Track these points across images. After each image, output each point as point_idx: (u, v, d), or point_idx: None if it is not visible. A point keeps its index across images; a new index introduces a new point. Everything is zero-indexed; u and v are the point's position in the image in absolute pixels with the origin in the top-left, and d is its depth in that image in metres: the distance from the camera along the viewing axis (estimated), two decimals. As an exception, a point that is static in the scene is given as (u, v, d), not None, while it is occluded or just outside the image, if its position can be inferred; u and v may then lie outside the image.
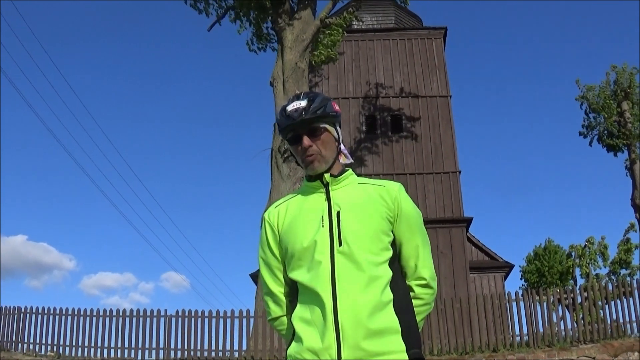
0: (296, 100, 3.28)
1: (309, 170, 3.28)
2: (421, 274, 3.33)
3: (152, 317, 19.77)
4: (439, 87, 33.09)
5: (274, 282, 3.34)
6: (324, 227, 3.14)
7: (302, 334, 3.02)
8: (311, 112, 3.22)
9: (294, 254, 3.16)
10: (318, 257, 3.06)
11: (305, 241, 3.13)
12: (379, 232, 3.15)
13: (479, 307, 19.09)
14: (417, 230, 3.33)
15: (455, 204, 30.33)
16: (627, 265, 34.38)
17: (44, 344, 20.03)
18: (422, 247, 3.34)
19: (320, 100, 3.28)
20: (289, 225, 3.27)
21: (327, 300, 2.95)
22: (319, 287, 2.99)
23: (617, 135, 31.21)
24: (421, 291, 3.35)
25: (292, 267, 3.18)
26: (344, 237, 3.09)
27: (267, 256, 3.36)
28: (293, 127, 3.26)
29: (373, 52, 34.07)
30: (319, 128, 3.28)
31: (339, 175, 3.33)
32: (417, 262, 3.32)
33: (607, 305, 19.12)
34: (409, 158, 31.38)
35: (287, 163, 20.63)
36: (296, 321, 3.08)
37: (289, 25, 22.64)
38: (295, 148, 3.30)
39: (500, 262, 33.17)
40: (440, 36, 34.71)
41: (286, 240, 3.24)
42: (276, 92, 22.07)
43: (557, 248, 41.90)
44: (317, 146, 3.25)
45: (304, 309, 3.07)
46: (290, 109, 3.25)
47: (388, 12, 36.34)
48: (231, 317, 19.47)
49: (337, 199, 3.24)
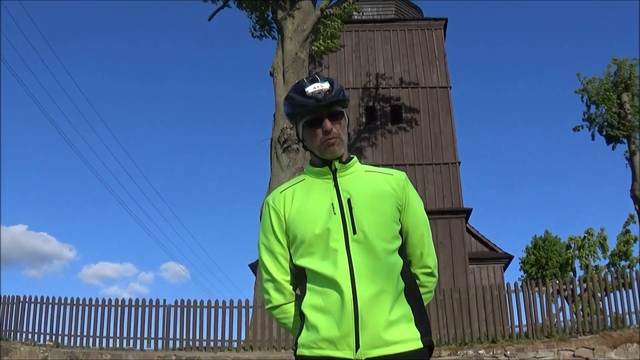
0: (315, 82, 3.22)
1: (328, 153, 3.22)
2: (427, 263, 3.36)
3: (150, 306, 19.75)
4: (439, 78, 33.08)
5: (277, 269, 3.27)
6: (335, 215, 3.11)
7: (316, 322, 2.99)
8: (335, 94, 3.19)
9: (304, 241, 3.12)
10: (333, 244, 3.04)
11: (317, 228, 3.09)
12: (390, 221, 3.15)
13: (478, 298, 19.09)
14: (422, 220, 3.35)
15: (455, 194, 30.34)
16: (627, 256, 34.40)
17: (42, 333, 20.03)
18: (427, 236, 3.36)
19: (339, 85, 3.26)
20: (297, 211, 3.22)
21: (345, 289, 2.93)
22: (336, 275, 2.97)
23: (617, 126, 31.20)
24: (426, 279, 3.38)
25: (300, 254, 3.14)
26: (358, 225, 3.07)
27: (271, 242, 3.29)
28: (313, 109, 3.20)
29: (373, 43, 34.05)
30: (339, 112, 3.25)
31: (347, 162, 3.30)
32: (422, 251, 3.33)
33: (606, 297, 19.11)
34: (408, 149, 31.38)
35: (287, 153, 20.63)
36: (308, 309, 3.05)
37: (289, 15, 22.63)
38: (312, 131, 3.24)
39: (499, 253, 33.19)
40: (440, 27, 34.68)
41: (294, 226, 3.19)
42: (276, 82, 22.07)
43: (556, 239, 41.88)
44: (337, 129, 3.22)
45: (316, 296, 3.04)
46: (312, 91, 3.18)
47: (388, 2, 36.33)
48: (230, 307, 19.45)
49: (345, 185, 3.22)
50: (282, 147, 20.71)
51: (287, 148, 20.61)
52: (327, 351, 2.94)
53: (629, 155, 31.09)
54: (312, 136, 3.25)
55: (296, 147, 20.56)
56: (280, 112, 21.39)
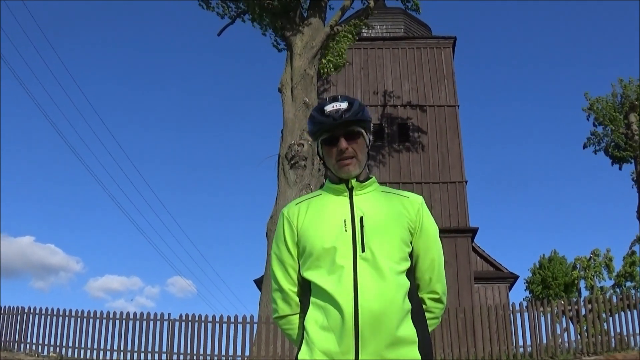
0: (335, 101, 3.26)
1: (343, 172, 3.24)
2: (435, 288, 3.38)
3: (155, 320, 19.76)
4: (447, 96, 33.04)
5: (286, 279, 3.30)
6: (346, 232, 3.11)
7: (316, 338, 3.00)
8: (352, 114, 3.21)
9: (312, 254, 3.14)
10: (340, 261, 3.04)
11: (327, 243, 3.11)
12: (400, 242, 3.14)
13: (483, 317, 19.07)
14: (434, 245, 3.35)
15: (461, 213, 30.29)
16: (632, 277, 34.33)
17: (46, 345, 20.07)
18: (438, 261, 3.36)
19: (359, 104, 3.28)
20: (309, 224, 3.24)
21: (347, 306, 2.93)
22: (339, 291, 2.97)
23: (624, 147, 31.13)
24: (433, 305, 3.40)
25: (308, 266, 3.16)
26: (367, 243, 3.07)
27: (282, 253, 3.33)
28: (330, 128, 3.23)
29: (382, 61, 34.03)
30: (356, 131, 3.27)
31: (364, 181, 3.31)
32: (431, 276, 3.34)
33: (611, 318, 19.08)
34: (415, 167, 31.34)
35: (294, 169, 20.62)
36: (310, 324, 3.06)
37: (298, 31, 22.66)
38: (329, 149, 3.27)
39: (505, 273, 33.12)
40: (449, 46, 34.66)
41: (305, 239, 3.21)
42: (284, 98, 22.07)
43: (562, 259, 41.83)
44: (354, 149, 3.23)
45: (318, 312, 3.05)
46: (329, 109, 3.23)
47: (397, 20, 36.29)
48: (234, 323, 19.45)
49: (360, 204, 3.22)
50: (290, 164, 20.69)
51: (295, 164, 20.60)
52: None
53: (635, 177, 31.02)
54: (329, 155, 3.28)
55: (303, 163, 20.56)
56: (288, 128, 21.41)
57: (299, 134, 21.12)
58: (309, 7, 23.47)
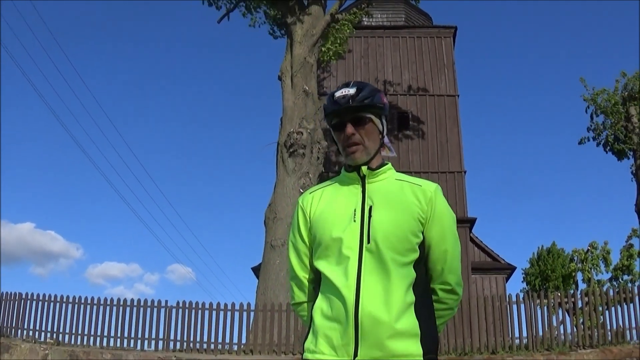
0: (345, 87, 3.27)
1: (350, 159, 3.26)
2: (447, 279, 3.32)
3: (152, 307, 19.75)
4: (447, 86, 33.06)
5: (300, 267, 3.36)
6: (355, 222, 3.12)
7: (320, 327, 3.04)
8: (358, 100, 3.21)
9: (322, 243, 3.16)
10: (346, 252, 3.06)
11: (335, 232, 3.12)
12: (407, 233, 3.11)
13: (480, 308, 19.08)
14: (448, 235, 3.29)
15: (460, 203, 30.32)
16: (630, 271, 34.30)
17: (43, 331, 20.05)
18: (452, 252, 3.30)
19: (369, 90, 3.27)
20: (321, 213, 3.27)
21: (349, 298, 2.95)
22: (343, 283, 2.99)
23: (624, 140, 31.06)
24: (445, 296, 3.35)
25: (318, 255, 3.19)
26: (373, 234, 3.07)
27: (297, 241, 3.37)
28: (338, 113, 3.26)
29: (382, 49, 34.02)
30: (364, 117, 3.26)
31: (377, 169, 3.31)
32: (443, 267, 3.29)
33: (607, 311, 19.08)
34: (414, 156, 31.37)
35: (293, 158, 20.63)
36: (317, 314, 3.09)
37: (299, 20, 22.62)
38: (338, 135, 3.29)
39: (502, 264, 33.18)
40: (450, 35, 34.65)
41: (316, 227, 3.24)
42: (284, 86, 22.06)
43: (560, 252, 41.85)
44: (361, 135, 3.24)
45: (325, 301, 3.08)
46: (338, 95, 3.24)
47: (398, 9, 36.26)
48: (232, 310, 19.45)
49: (371, 193, 3.23)
50: (289, 152, 20.70)
51: (294, 152, 20.60)
52: (328, 356, 2.97)
53: (634, 170, 30.95)
54: (338, 140, 3.30)
55: (302, 151, 20.56)
56: (288, 116, 21.40)
57: (298, 122, 21.13)
58: (309, -5, 23.43)
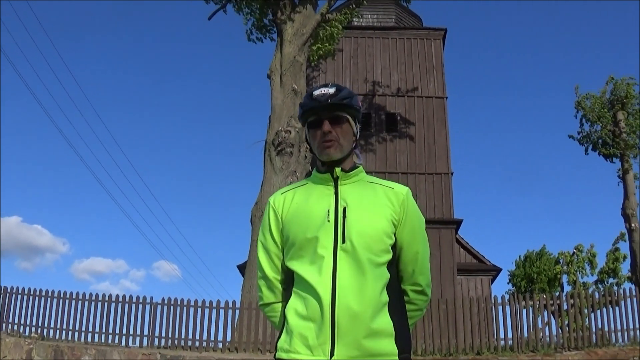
0: (324, 87, 3.28)
1: (324, 155, 3.25)
2: (418, 280, 3.37)
3: (137, 303, 19.70)
4: (436, 88, 33.10)
5: (271, 267, 3.33)
6: (329, 222, 3.12)
7: (295, 327, 3.03)
8: (338, 98, 3.23)
9: (295, 244, 3.15)
10: (321, 251, 3.05)
11: (309, 232, 3.12)
12: (382, 234, 3.13)
13: (465, 309, 19.11)
14: (419, 237, 3.34)
15: (446, 205, 30.38)
16: (615, 274, 34.39)
17: (28, 325, 19.97)
18: (422, 253, 3.36)
19: (348, 92, 3.29)
20: (294, 214, 3.26)
21: (325, 296, 2.95)
22: (318, 282, 2.99)
23: (612, 144, 31.14)
24: (416, 297, 3.39)
25: (291, 256, 3.18)
26: (348, 234, 3.07)
27: (267, 241, 3.35)
28: (316, 111, 3.26)
29: (372, 50, 34.05)
30: (342, 117, 3.28)
31: (350, 171, 3.31)
32: (415, 268, 3.33)
33: (592, 314, 19.14)
34: (402, 157, 31.39)
35: (280, 156, 20.61)
36: (290, 313, 3.08)
37: (289, 18, 22.60)
38: (314, 132, 3.29)
39: (487, 266, 33.23)
40: (439, 37, 34.70)
41: (288, 228, 3.23)
42: (273, 84, 22.03)
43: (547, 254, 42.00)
44: (337, 134, 3.24)
45: (299, 301, 3.07)
46: (317, 93, 3.26)
47: (389, 10, 36.29)
48: (217, 308, 19.42)
49: (344, 194, 3.23)
50: (276, 150, 20.68)
51: (281, 151, 20.59)
52: (304, 356, 2.97)
53: (621, 174, 31.04)
54: (313, 137, 3.30)
55: (290, 150, 20.55)
56: (276, 114, 21.39)
57: (287, 120, 21.11)
58: (300, -6, 23.40)
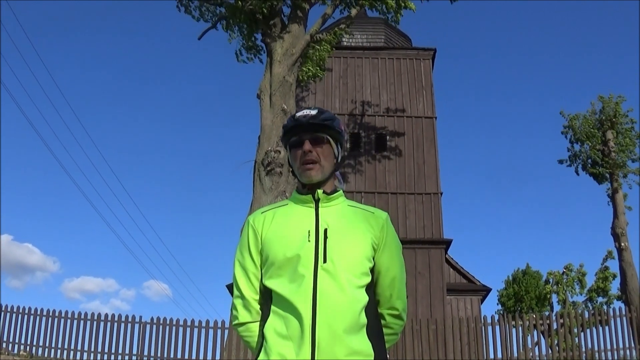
0: (307, 109, 3.33)
1: (305, 177, 3.27)
2: (395, 305, 3.37)
3: (126, 322, 19.69)
4: (425, 107, 33.09)
5: (248, 287, 3.30)
6: (309, 242, 3.13)
7: (274, 346, 3.00)
8: (319, 119, 3.26)
9: (274, 263, 3.15)
10: (301, 270, 3.05)
11: (289, 252, 3.11)
12: (362, 257, 3.15)
13: (455, 329, 19.11)
14: (397, 262, 3.35)
15: (436, 225, 30.32)
16: (605, 293, 34.47)
17: (17, 343, 19.92)
18: (399, 278, 3.37)
19: (330, 114, 3.33)
20: (274, 234, 3.25)
21: (305, 315, 2.95)
22: (299, 300, 2.98)
23: (601, 164, 31.23)
24: (392, 321, 3.39)
25: (270, 275, 3.17)
26: (330, 255, 3.08)
27: (245, 260, 3.33)
28: (297, 131, 3.29)
29: (361, 70, 34.06)
30: (322, 137, 3.30)
31: (331, 194, 3.33)
32: (392, 292, 3.35)
33: (582, 333, 19.16)
34: (391, 177, 31.36)
35: (270, 176, 20.59)
36: (269, 332, 3.06)
37: (279, 38, 22.63)
38: (295, 152, 3.31)
39: (477, 286, 33.17)
40: (429, 57, 34.73)
41: (268, 247, 3.22)
42: (263, 104, 22.02)
43: (536, 273, 42.03)
44: (318, 154, 3.26)
45: (278, 320, 3.05)
46: (299, 115, 3.31)
47: (378, 30, 36.34)
48: (206, 327, 19.42)
49: (325, 216, 3.24)
50: (266, 170, 20.66)
51: (271, 171, 20.57)
52: None
53: (610, 193, 31.13)
54: (294, 158, 3.33)
55: (279, 170, 20.54)
56: (265, 134, 21.38)
57: (276, 140, 21.10)
58: (289, 14, 23.44)
